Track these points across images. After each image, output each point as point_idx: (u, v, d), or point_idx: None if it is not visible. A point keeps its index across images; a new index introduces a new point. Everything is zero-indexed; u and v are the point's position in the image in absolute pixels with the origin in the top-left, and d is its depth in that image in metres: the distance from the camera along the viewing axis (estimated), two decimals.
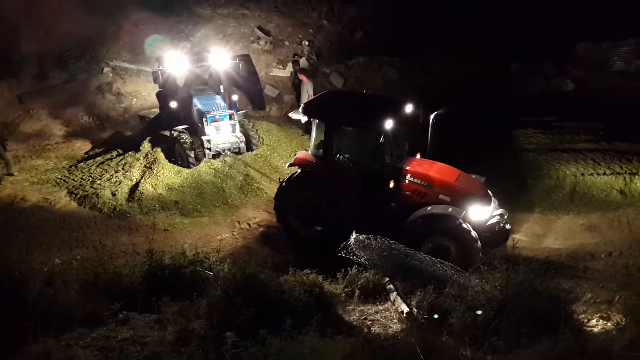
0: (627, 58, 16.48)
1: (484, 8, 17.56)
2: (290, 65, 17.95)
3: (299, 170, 10.16)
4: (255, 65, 14.70)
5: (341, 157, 9.92)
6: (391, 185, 9.48)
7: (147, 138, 13.70)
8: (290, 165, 10.29)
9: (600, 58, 16.71)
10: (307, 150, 10.34)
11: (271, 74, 18.68)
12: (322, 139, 9.88)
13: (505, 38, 16.84)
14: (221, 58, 13.58)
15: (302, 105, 10.21)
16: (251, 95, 14.41)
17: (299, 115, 10.64)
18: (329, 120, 9.81)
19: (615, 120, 13.12)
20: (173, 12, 20.56)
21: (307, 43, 19.48)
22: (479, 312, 6.07)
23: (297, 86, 16.60)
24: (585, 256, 9.33)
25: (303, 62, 18.31)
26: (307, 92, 15.41)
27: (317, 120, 10.01)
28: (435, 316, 6.56)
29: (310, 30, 20.04)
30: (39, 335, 5.33)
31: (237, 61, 13.60)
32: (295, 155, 10.41)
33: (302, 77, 15.87)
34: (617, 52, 16.58)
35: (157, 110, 14.75)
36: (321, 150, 9.85)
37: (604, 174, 11.43)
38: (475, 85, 15.45)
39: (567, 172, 11.68)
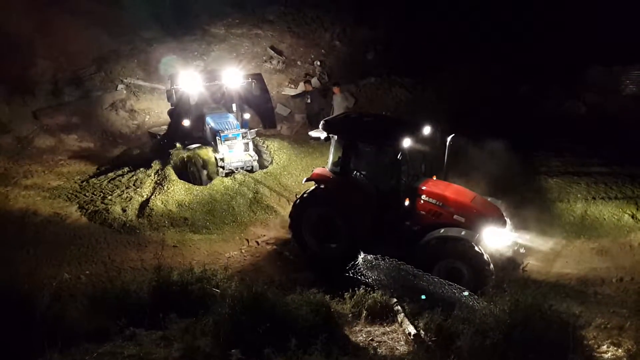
0: (639, 82, 16.45)
1: (495, 30, 17.66)
2: (301, 84, 18.09)
3: (314, 187, 10.22)
4: (267, 84, 14.84)
5: (358, 174, 9.95)
6: (406, 203, 9.47)
7: (158, 156, 13.80)
8: (308, 180, 10.34)
9: (612, 82, 16.67)
10: (324, 167, 10.39)
11: (283, 93, 18.86)
12: (340, 155, 9.93)
13: (517, 60, 16.88)
14: (234, 77, 13.72)
15: (322, 121, 10.28)
16: (262, 113, 14.49)
17: (318, 133, 10.68)
18: (348, 136, 9.87)
19: (627, 144, 13.07)
20: (187, 31, 20.90)
21: (318, 63, 19.70)
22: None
23: (308, 105, 16.71)
24: (596, 281, 9.21)
25: (314, 81, 18.46)
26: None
27: (335, 137, 10.06)
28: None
29: (322, 50, 20.27)
30: (46, 350, 5.32)
31: (250, 80, 13.74)
32: (313, 171, 10.47)
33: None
34: (629, 76, 16.54)
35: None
36: (338, 167, 9.90)
37: (616, 197, 11.36)
38: (486, 107, 15.45)
39: (579, 195, 11.61)
